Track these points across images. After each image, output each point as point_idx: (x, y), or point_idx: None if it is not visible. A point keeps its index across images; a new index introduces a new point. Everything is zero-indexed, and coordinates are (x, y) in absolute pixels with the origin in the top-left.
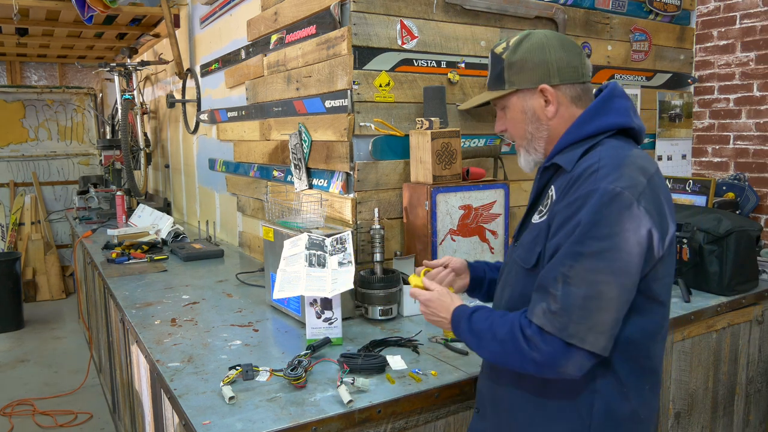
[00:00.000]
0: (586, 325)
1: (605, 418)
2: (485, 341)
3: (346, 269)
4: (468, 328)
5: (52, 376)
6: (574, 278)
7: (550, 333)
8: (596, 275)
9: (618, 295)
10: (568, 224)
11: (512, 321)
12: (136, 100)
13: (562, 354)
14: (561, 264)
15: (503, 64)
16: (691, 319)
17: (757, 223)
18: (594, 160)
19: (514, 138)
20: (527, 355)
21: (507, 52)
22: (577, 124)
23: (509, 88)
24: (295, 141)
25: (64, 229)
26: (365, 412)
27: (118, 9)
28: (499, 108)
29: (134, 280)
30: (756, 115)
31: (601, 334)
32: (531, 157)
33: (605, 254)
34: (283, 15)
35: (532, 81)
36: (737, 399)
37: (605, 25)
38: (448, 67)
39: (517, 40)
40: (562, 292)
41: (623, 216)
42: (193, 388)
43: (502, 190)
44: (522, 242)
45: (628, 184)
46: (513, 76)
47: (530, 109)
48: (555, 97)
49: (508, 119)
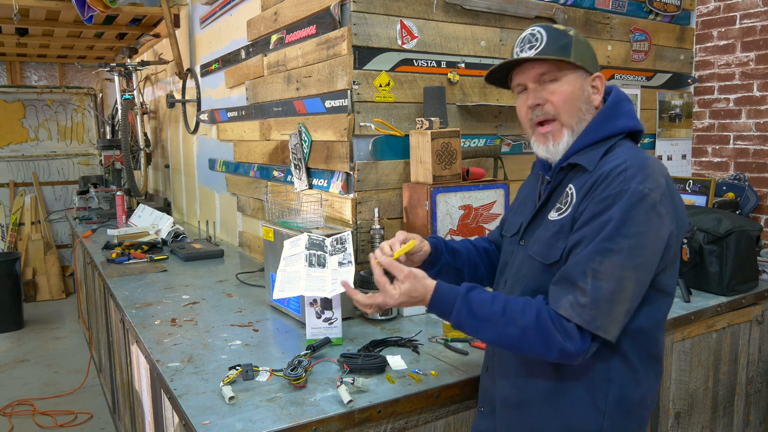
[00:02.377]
0: (610, 317)
1: (618, 406)
2: (499, 326)
3: (346, 269)
4: (467, 309)
5: (52, 376)
6: (604, 273)
7: (579, 325)
8: (623, 271)
9: (636, 288)
10: (597, 220)
11: (538, 309)
12: (136, 100)
13: (590, 345)
14: (591, 259)
15: (571, 39)
16: (691, 319)
17: (757, 223)
18: (620, 161)
19: (562, 113)
20: (557, 345)
21: (573, 31)
22: (594, 127)
23: (576, 61)
24: (295, 141)
25: (64, 229)
26: (365, 412)
27: (118, 9)
28: (541, 80)
29: (134, 280)
30: (756, 115)
31: (617, 324)
32: (568, 139)
33: (632, 251)
34: (283, 15)
35: (593, 66)
36: (737, 399)
37: (605, 25)
38: (448, 67)
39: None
40: (592, 287)
41: (650, 216)
42: (193, 388)
43: (502, 190)
44: (539, 238)
45: (654, 186)
46: (579, 54)
47: (586, 90)
48: (602, 89)
49: (560, 93)
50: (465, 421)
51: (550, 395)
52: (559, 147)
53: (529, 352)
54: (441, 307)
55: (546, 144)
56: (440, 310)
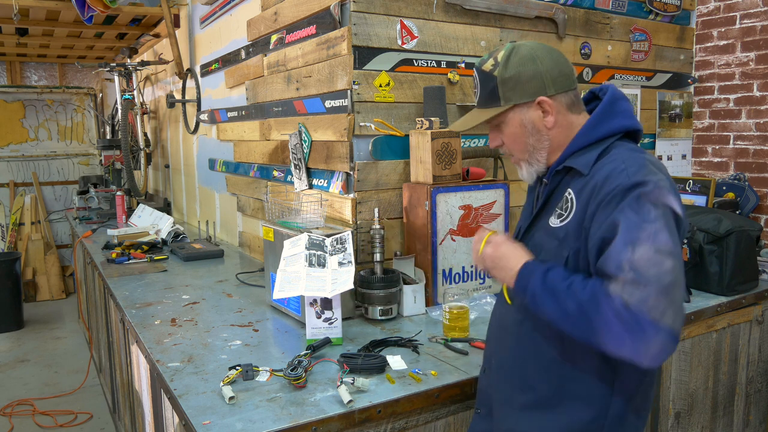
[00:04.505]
0: (665, 302)
1: (616, 411)
2: (556, 298)
3: (346, 269)
4: (542, 283)
5: (52, 376)
6: (640, 260)
7: (635, 311)
8: (659, 255)
9: (679, 271)
10: (611, 217)
11: (594, 287)
12: (136, 100)
13: (665, 340)
14: (622, 252)
15: (496, 81)
16: (691, 319)
17: (757, 223)
18: (618, 162)
19: (513, 152)
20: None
21: (498, 68)
22: (588, 128)
23: (506, 105)
24: (295, 141)
25: (64, 229)
26: (365, 412)
27: (118, 9)
28: (492, 125)
29: (134, 280)
30: (756, 115)
31: (678, 313)
32: (533, 168)
33: (659, 234)
34: (283, 15)
35: (529, 94)
36: (737, 399)
37: (605, 25)
38: (448, 67)
39: (504, 55)
40: (634, 274)
41: (662, 201)
42: (193, 388)
43: (502, 190)
44: (541, 246)
45: (658, 178)
46: (508, 92)
47: (529, 122)
48: (554, 107)
49: (506, 135)
50: (465, 421)
51: (547, 400)
52: (523, 175)
53: (592, 335)
54: (520, 283)
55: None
56: (520, 286)
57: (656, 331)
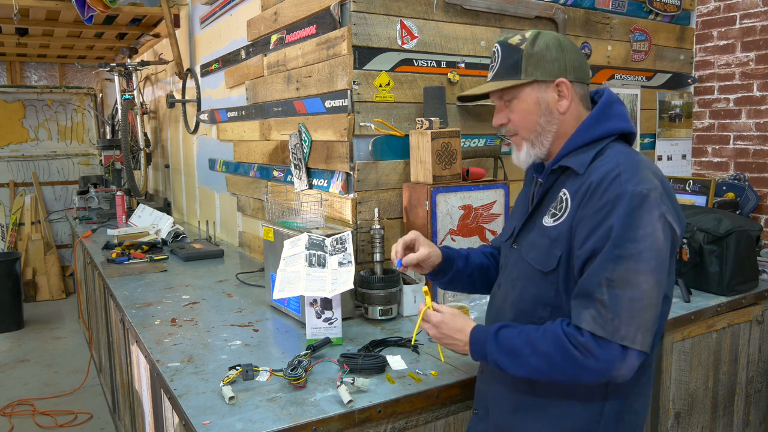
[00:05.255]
0: (634, 325)
1: (612, 413)
2: (524, 358)
3: (346, 269)
4: (497, 347)
5: (52, 376)
6: (618, 281)
7: (603, 338)
8: (638, 276)
9: (656, 290)
10: (601, 229)
11: (555, 332)
12: (136, 100)
13: (617, 357)
14: (603, 269)
15: (521, 54)
16: (691, 319)
17: (757, 223)
18: (612, 164)
19: (519, 131)
20: (581, 363)
21: (525, 44)
22: (584, 128)
23: (526, 78)
24: (295, 141)
25: (64, 229)
26: (365, 412)
27: (118, 9)
28: (503, 100)
29: (134, 280)
30: (756, 115)
31: (647, 332)
32: (534, 151)
33: (643, 254)
34: (283, 15)
35: (551, 73)
36: (737, 399)
37: (605, 25)
38: (448, 67)
39: (533, 34)
40: (608, 296)
41: (653, 216)
42: (193, 388)
43: (502, 190)
44: (534, 244)
45: (651, 186)
46: (531, 67)
47: (544, 102)
48: (570, 93)
49: (516, 111)
50: (465, 421)
51: (543, 402)
52: (521, 156)
53: (561, 379)
54: (477, 351)
55: (514, 152)
56: (478, 354)
57: (626, 356)
